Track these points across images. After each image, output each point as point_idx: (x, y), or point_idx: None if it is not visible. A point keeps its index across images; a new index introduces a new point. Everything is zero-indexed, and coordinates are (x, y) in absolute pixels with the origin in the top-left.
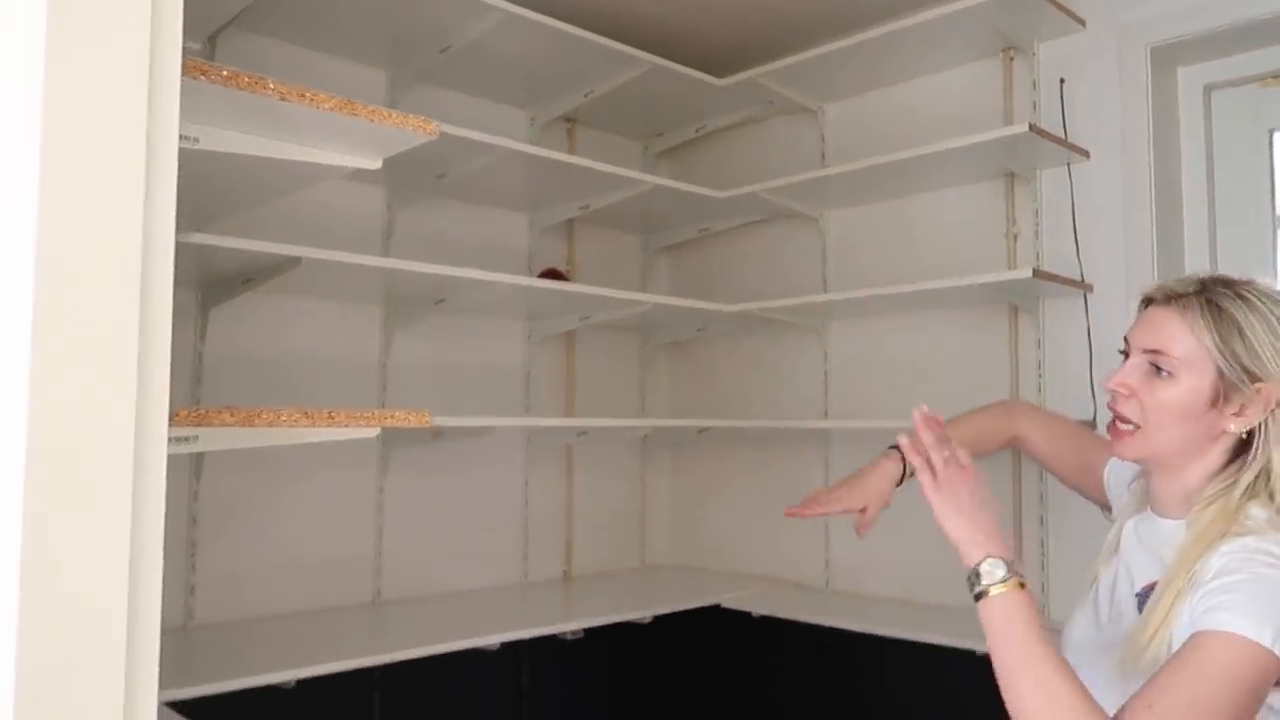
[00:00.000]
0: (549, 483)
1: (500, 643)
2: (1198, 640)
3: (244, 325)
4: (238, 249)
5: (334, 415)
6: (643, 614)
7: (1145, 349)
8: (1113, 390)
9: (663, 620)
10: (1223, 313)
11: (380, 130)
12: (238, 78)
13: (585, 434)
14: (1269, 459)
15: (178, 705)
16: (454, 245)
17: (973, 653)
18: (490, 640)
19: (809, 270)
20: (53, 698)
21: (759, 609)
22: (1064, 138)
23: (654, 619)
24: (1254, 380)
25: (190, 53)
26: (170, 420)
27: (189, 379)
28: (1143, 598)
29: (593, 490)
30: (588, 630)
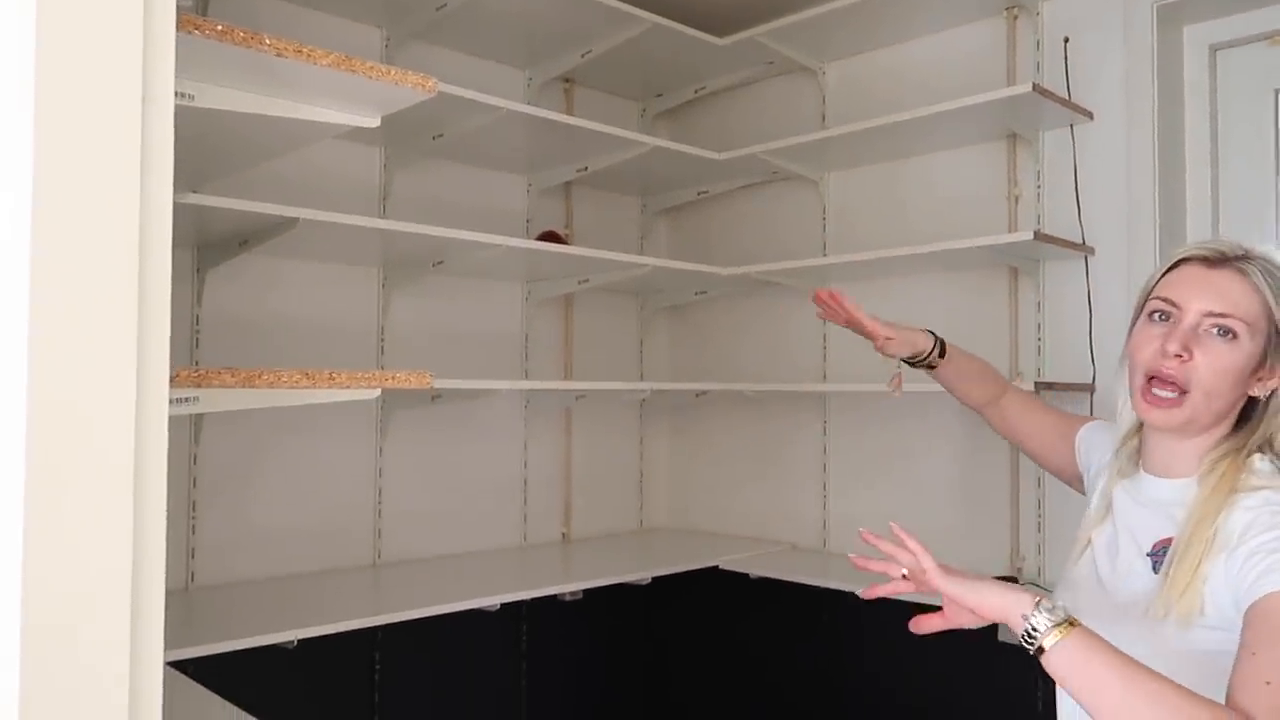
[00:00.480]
0: (548, 446)
1: (500, 604)
2: (1272, 605)
3: (240, 287)
4: (234, 210)
5: (335, 376)
6: (641, 575)
7: (1210, 311)
8: (1176, 354)
9: (661, 582)
10: (1277, 278)
11: (379, 87)
12: (233, 32)
13: (584, 397)
14: (1277, 418)
15: (180, 665)
16: (451, 207)
17: None
18: (490, 601)
19: (808, 233)
20: (58, 659)
21: (756, 570)
22: (1067, 98)
23: (652, 580)
24: None
25: (182, 9)
26: (170, 381)
27: (186, 341)
28: (1156, 556)
29: (591, 453)
30: (586, 591)
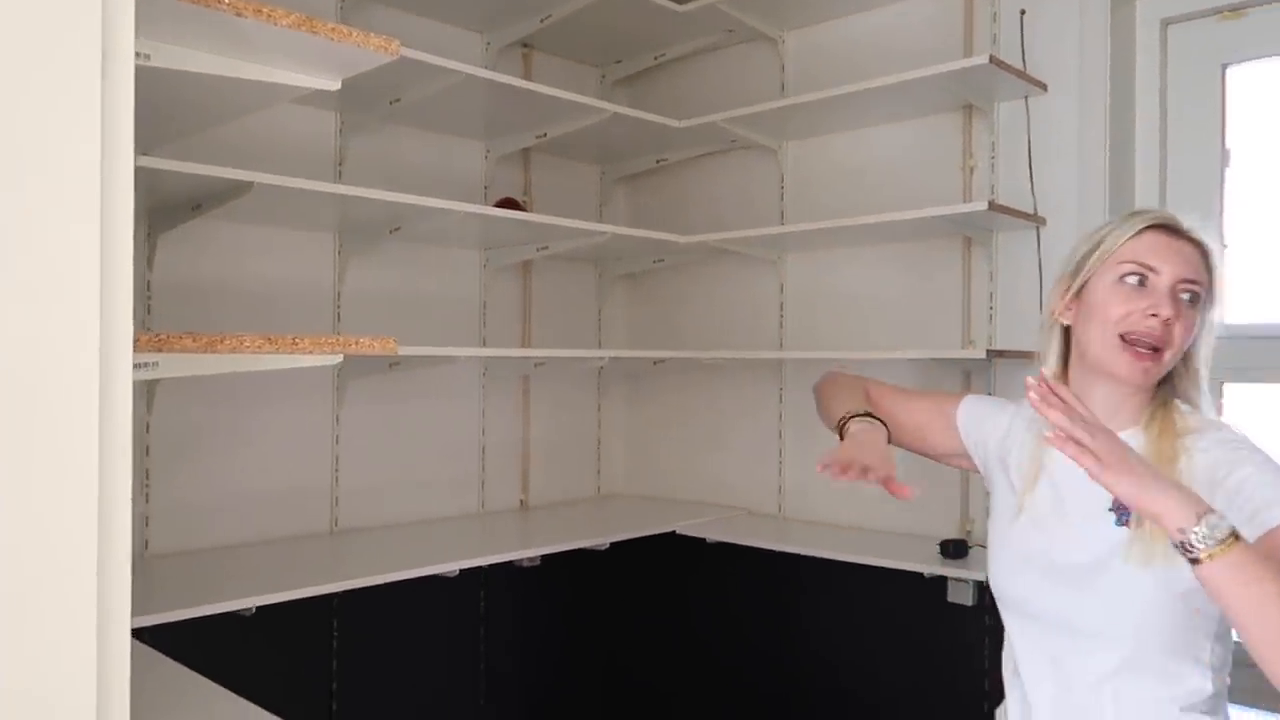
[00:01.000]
0: (506, 413)
1: (458, 570)
2: None
3: (193, 253)
4: (188, 173)
5: (298, 341)
6: (600, 541)
7: (1184, 278)
8: (1166, 318)
9: (619, 547)
10: (1216, 246)
11: (340, 49)
12: None
13: (543, 364)
14: (1195, 361)
15: (138, 633)
16: (408, 173)
17: (920, 575)
18: (448, 567)
19: (766, 202)
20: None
21: (714, 535)
22: (1023, 70)
23: (610, 546)
24: (1210, 301)
25: None
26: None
27: (139, 307)
28: (1120, 504)
29: (549, 420)
30: (545, 557)
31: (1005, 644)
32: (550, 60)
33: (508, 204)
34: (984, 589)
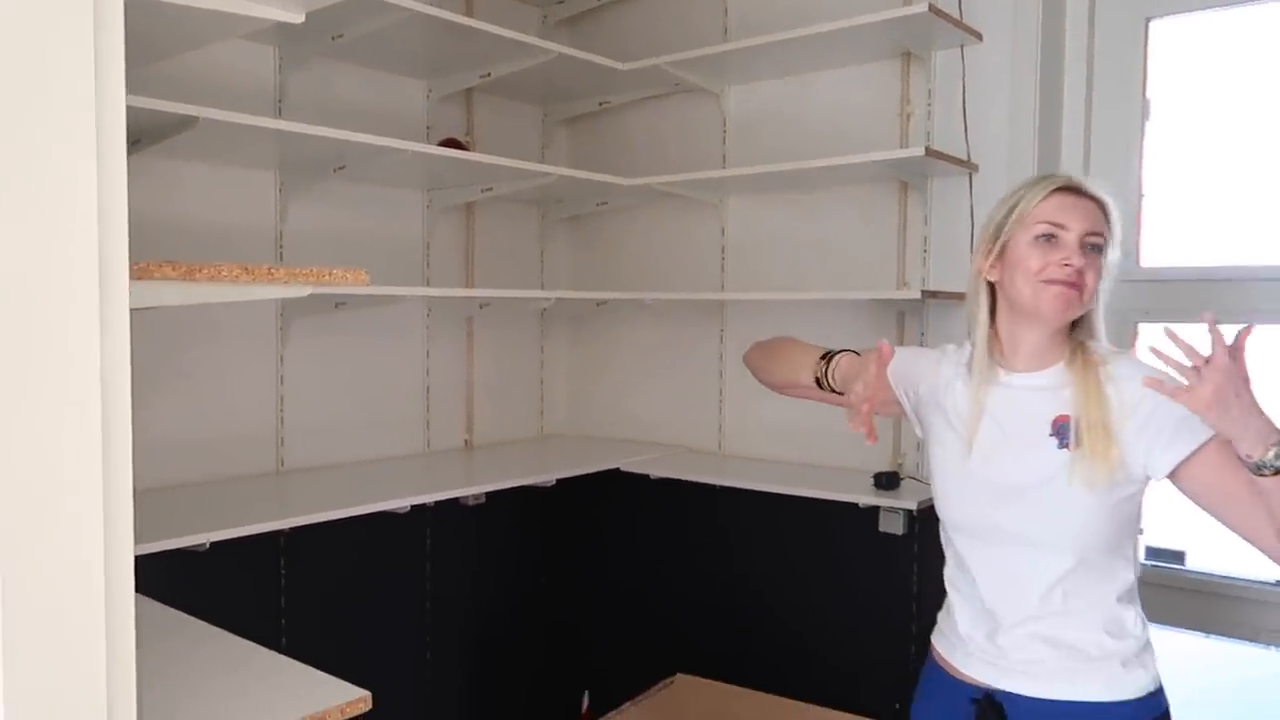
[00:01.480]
0: (450, 354)
1: (409, 506)
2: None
3: (132, 189)
4: (131, 106)
5: (274, 271)
6: (545, 478)
7: (1089, 231)
8: (1079, 267)
9: (563, 485)
10: (1111, 201)
11: None
12: None
13: (488, 305)
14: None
15: None
16: (349, 111)
17: (855, 505)
18: (395, 504)
19: (708, 146)
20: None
21: (657, 471)
22: (959, 19)
23: (555, 484)
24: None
25: None
26: None
27: None
28: (1060, 429)
29: (493, 361)
30: (490, 495)
31: (950, 560)
32: None
33: (451, 144)
34: (914, 519)
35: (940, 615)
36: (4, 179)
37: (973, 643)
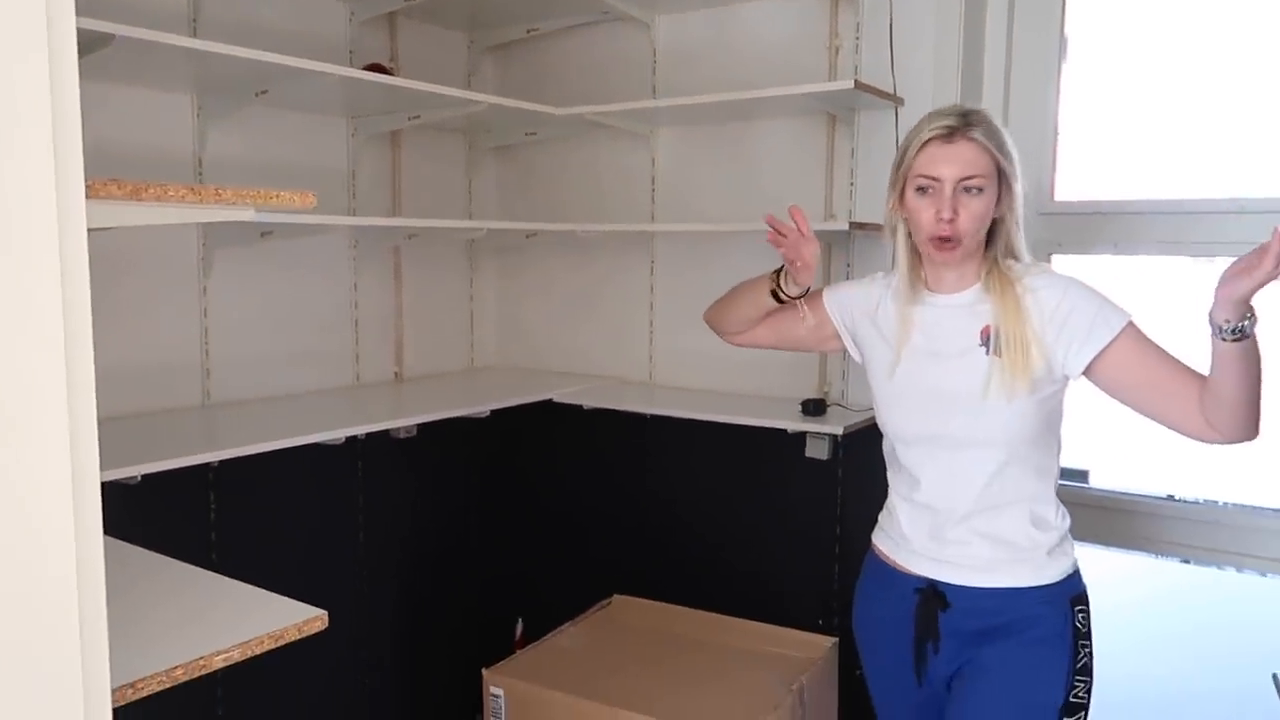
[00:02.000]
0: (377, 285)
1: (341, 438)
2: (1131, 333)
3: None
4: None
5: (220, 192)
6: (480, 409)
7: (961, 177)
8: (949, 219)
9: (497, 416)
10: (995, 131)
11: None
12: None
13: (416, 236)
14: (1009, 226)
15: None
16: (265, 32)
17: (784, 431)
18: (324, 436)
19: (638, 77)
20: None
21: (590, 402)
22: None
23: (490, 415)
24: (1009, 176)
25: None
26: None
27: None
28: (988, 339)
29: (421, 293)
30: (420, 428)
31: (891, 467)
32: None
33: (375, 69)
34: (839, 443)
35: (882, 516)
36: None
37: (915, 541)
